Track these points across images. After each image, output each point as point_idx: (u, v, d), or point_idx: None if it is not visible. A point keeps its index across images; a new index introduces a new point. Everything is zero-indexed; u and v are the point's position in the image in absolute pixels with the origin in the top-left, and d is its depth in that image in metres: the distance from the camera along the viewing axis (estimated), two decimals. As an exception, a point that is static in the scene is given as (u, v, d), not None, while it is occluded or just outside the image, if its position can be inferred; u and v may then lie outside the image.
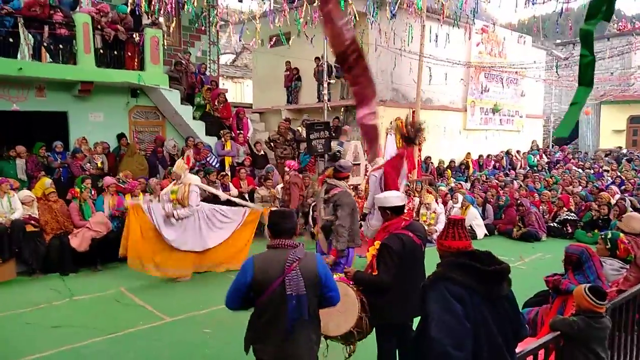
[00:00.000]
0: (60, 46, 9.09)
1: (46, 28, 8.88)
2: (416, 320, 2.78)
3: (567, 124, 1.99)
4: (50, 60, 9.26)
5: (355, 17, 11.66)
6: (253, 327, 2.83)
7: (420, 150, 13.06)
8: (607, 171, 14.98)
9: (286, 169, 10.41)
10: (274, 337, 2.73)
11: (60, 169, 8.89)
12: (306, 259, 2.79)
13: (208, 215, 7.03)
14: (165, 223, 6.76)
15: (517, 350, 2.58)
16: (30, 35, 8.77)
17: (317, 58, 13.19)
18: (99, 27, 9.48)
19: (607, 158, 17.40)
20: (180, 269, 6.90)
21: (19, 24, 8.54)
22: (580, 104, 1.78)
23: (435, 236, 8.19)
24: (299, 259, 2.74)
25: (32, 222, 7.31)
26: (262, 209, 7.36)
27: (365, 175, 8.37)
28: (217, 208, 7.23)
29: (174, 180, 7.04)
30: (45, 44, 9.04)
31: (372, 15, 11.81)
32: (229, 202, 7.56)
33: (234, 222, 7.16)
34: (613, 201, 10.24)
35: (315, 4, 11.17)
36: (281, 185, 10.17)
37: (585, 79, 1.74)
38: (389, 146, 13.23)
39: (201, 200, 7.14)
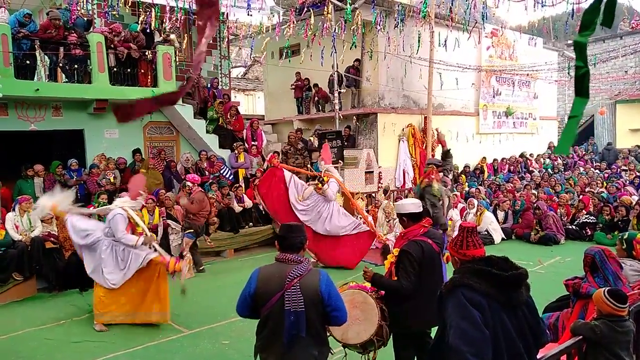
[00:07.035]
0: (76, 66, 9.29)
1: (61, 49, 9.08)
2: (434, 329, 2.76)
3: (567, 140, 1.94)
4: (66, 80, 9.48)
5: (363, 26, 11.73)
6: (258, 336, 2.89)
7: (433, 155, 13.00)
8: (626, 171, 14.70)
9: (188, 183, 8.37)
10: (275, 349, 2.78)
11: (77, 186, 9.03)
12: (308, 275, 2.78)
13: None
14: None
15: (539, 356, 2.54)
16: (46, 57, 9.00)
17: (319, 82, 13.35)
18: (112, 46, 9.67)
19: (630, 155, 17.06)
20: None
21: (36, 46, 8.77)
22: (578, 118, 1.76)
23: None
24: (300, 275, 2.75)
25: (52, 239, 7.43)
26: (170, 260, 5.76)
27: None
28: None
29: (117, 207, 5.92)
30: (60, 65, 9.25)
31: (380, 24, 11.84)
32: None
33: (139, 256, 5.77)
34: (633, 201, 10.05)
35: (323, 16, 11.28)
36: (184, 201, 8.22)
37: (582, 90, 1.73)
38: (401, 152, 13.22)
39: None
